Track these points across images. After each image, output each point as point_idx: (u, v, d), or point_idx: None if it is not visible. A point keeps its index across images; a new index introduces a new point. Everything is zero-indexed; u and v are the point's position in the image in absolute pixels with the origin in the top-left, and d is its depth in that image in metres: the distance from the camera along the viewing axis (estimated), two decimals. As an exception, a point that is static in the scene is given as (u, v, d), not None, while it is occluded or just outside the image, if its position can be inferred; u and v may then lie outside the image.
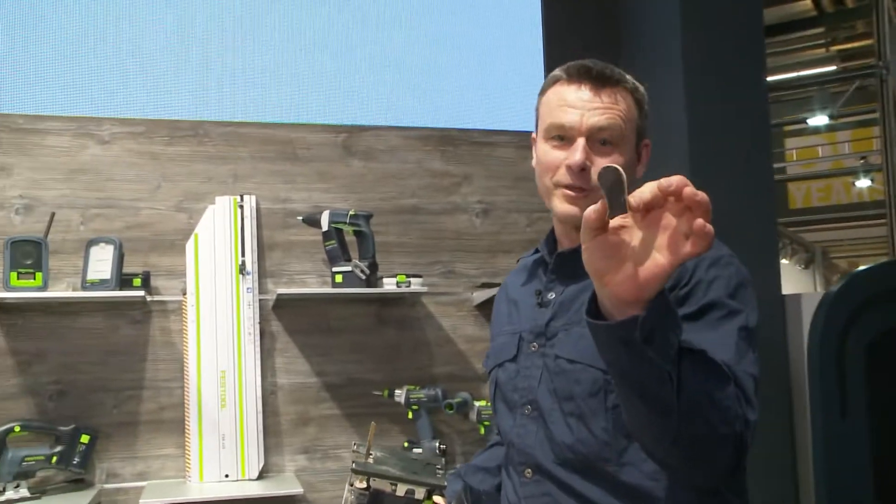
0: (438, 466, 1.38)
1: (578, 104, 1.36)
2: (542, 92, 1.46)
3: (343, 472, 2.90)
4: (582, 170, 1.34)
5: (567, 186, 1.36)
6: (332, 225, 2.85)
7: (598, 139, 1.36)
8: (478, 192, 3.16)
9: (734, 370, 1.16)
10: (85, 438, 2.65)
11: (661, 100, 3.10)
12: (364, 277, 2.80)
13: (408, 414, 2.89)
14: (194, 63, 2.98)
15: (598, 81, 1.37)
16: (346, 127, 3.08)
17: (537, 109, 1.47)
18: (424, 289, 2.86)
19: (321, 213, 2.87)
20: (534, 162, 1.47)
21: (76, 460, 2.63)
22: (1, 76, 2.82)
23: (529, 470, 1.38)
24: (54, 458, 2.61)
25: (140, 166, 2.88)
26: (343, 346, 2.98)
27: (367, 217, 2.86)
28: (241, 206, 2.89)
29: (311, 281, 2.98)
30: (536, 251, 1.56)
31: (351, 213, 2.84)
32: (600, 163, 1.35)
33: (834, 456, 2.81)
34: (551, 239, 1.50)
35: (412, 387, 2.89)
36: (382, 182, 3.09)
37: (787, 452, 2.92)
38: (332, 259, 2.85)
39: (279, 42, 3.06)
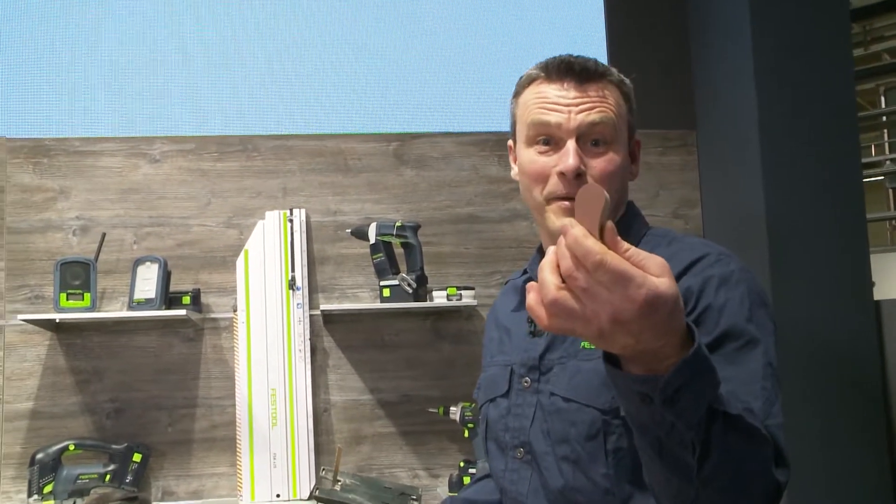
0: (413, 497, 1.25)
1: (563, 102, 1.21)
2: (517, 94, 1.30)
3: (398, 493, 2.81)
4: (578, 176, 1.18)
5: (563, 198, 1.20)
6: (379, 237, 2.75)
7: (590, 139, 1.20)
8: (538, 197, 2.99)
9: (767, 425, 0.98)
10: (137, 457, 2.66)
11: (729, 82, 2.87)
12: (411, 291, 2.69)
13: (464, 432, 2.75)
14: (242, 78, 2.96)
15: (582, 76, 1.22)
16: (398, 135, 2.98)
17: (513, 113, 1.32)
18: (475, 302, 2.73)
19: (368, 225, 2.78)
20: (514, 173, 1.33)
21: (129, 478, 2.64)
22: (58, 101, 2.88)
23: None
24: (108, 476, 2.62)
25: (190, 183, 2.88)
26: (397, 362, 2.88)
27: (415, 228, 2.75)
28: (291, 221, 2.85)
29: (364, 295, 2.89)
30: (525, 272, 1.41)
31: (398, 224, 2.74)
32: (595, 166, 1.20)
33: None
34: (539, 259, 1.34)
35: (468, 404, 2.76)
36: (437, 190, 2.98)
37: (886, 476, 2.61)
38: (380, 272, 2.76)
39: (326, 52, 3.01)
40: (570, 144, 1.18)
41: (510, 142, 1.34)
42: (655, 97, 3.10)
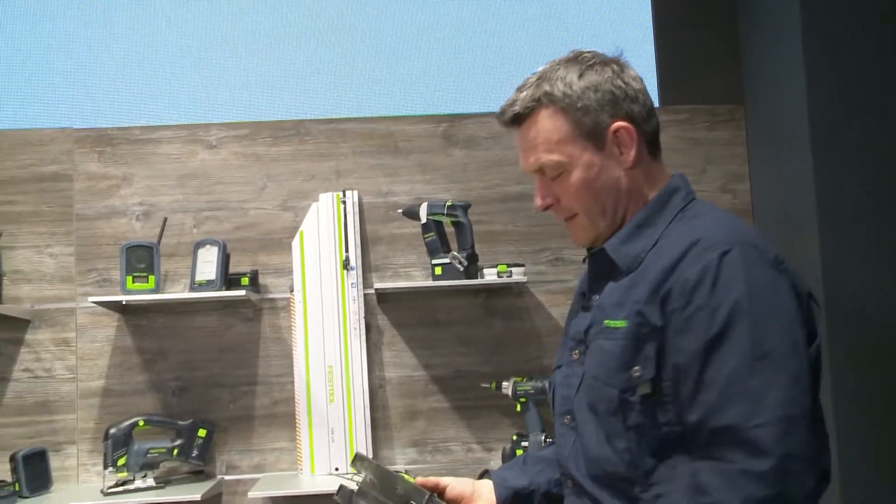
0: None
1: (519, 146, 1.35)
2: None
3: (453, 465, 2.89)
4: (546, 209, 1.35)
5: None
6: (430, 217, 2.81)
7: (547, 175, 1.32)
8: (586, 174, 3.03)
9: (751, 427, 1.06)
10: (202, 432, 2.77)
11: (777, 57, 2.85)
12: (463, 268, 2.75)
13: (516, 406, 2.81)
14: (294, 64, 3.03)
15: (513, 122, 1.33)
16: (447, 116, 3.04)
17: None
18: (524, 278, 2.78)
19: (420, 205, 2.84)
20: None
21: (195, 453, 2.76)
22: (119, 92, 3.00)
23: (570, 482, 1.31)
24: (175, 451, 2.74)
25: (246, 168, 2.97)
26: (450, 339, 2.95)
27: (465, 207, 2.80)
28: (344, 202, 2.92)
29: (416, 274, 2.96)
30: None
31: (448, 203, 2.80)
32: (557, 191, 1.31)
33: None
34: None
35: (519, 378, 2.82)
36: (486, 170, 3.03)
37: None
38: (432, 251, 2.82)
39: (375, 37, 3.07)
40: (536, 183, 1.34)
41: None
42: (702, 72, 3.11)
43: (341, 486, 1.43)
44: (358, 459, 1.47)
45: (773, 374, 1.08)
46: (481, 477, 1.49)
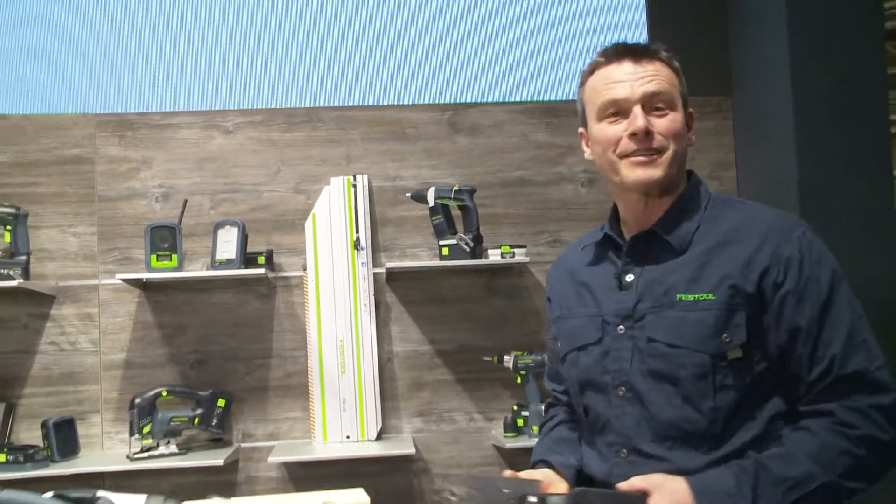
0: (531, 498, 1.41)
1: (626, 78, 1.43)
2: (582, 83, 1.52)
3: (456, 434, 3.07)
4: (647, 133, 1.40)
5: (634, 153, 1.42)
6: (438, 200, 2.98)
7: (652, 105, 1.42)
8: (582, 161, 3.15)
9: (873, 370, 1.31)
10: (221, 402, 2.93)
11: (764, 50, 3.04)
12: (469, 249, 2.92)
13: (516, 379, 3.00)
14: (307, 53, 3.18)
15: (637, 55, 1.44)
16: (452, 105, 3.20)
17: (581, 101, 1.52)
18: (527, 259, 2.96)
19: (427, 189, 3.01)
20: (587, 155, 1.53)
21: (214, 421, 2.92)
22: (139, 79, 3.13)
23: (625, 451, 1.42)
24: (196, 420, 2.90)
25: (261, 153, 3.12)
26: (454, 315, 3.13)
27: (471, 192, 2.97)
28: (355, 186, 3.08)
29: (422, 254, 3.13)
30: (602, 233, 1.57)
31: (455, 188, 2.97)
32: (660, 125, 1.41)
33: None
34: (615, 220, 1.54)
35: (520, 353, 3.00)
36: (488, 156, 3.20)
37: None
38: (439, 233, 2.99)
39: (383, 27, 3.21)
40: (637, 110, 1.41)
41: (581, 129, 1.55)
42: (692, 64, 3.20)
43: (442, 477, 1.46)
44: (445, 480, 1.48)
45: (869, 328, 1.34)
46: (534, 466, 1.58)
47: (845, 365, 1.30)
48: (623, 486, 1.31)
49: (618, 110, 1.43)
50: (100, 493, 1.29)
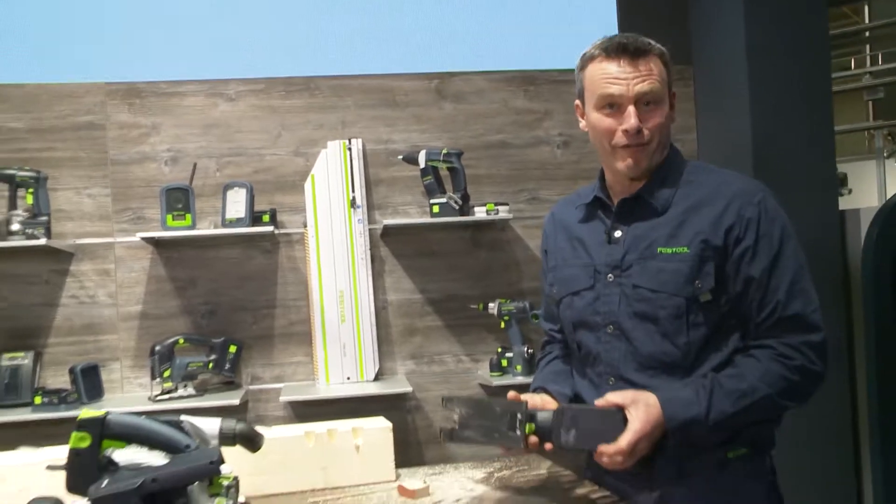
0: (519, 416, 1.57)
1: (622, 76, 1.63)
2: (582, 67, 1.72)
3: (446, 374, 3.39)
4: (638, 132, 1.64)
5: (626, 146, 1.66)
6: (429, 162, 3.26)
7: (644, 102, 1.64)
8: (558, 125, 3.51)
9: (808, 313, 1.58)
10: (233, 348, 3.21)
11: (722, 21, 3.35)
12: (457, 207, 3.22)
13: (500, 324, 3.32)
14: (304, 26, 3.42)
15: (634, 55, 1.64)
16: (438, 74, 3.47)
17: (580, 81, 1.74)
18: (510, 215, 3.26)
19: (418, 152, 3.29)
20: (582, 125, 1.76)
21: (227, 366, 3.20)
22: (146, 50, 3.34)
23: (612, 378, 1.68)
24: (210, 364, 3.18)
25: (262, 119, 3.37)
26: (442, 267, 3.43)
27: (459, 154, 3.26)
28: (350, 149, 3.34)
29: (413, 211, 3.42)
30: (593, 195, 1.79)
31: (444, 151, 3.25)
32: (649, 121, 1.64)
33: (885, 361, 3.09)
34: (604, 185, 1.77)
35: (503, 300, 3.32)
36: (472, 121, 3.48)
37: (843, 355, 3.22)
38: (430, 192, 3.28)
39: (377, 2, 3.46)
40: (631, 109, 1.63)
41: (577, 102, 1.77)
42: (656, 36, 3.55)
43: (444, 398, 1.67)
44: (447, 401, 1.67)
45: (809, 278, 1.61)
46: (535, 391, 1.79)
47: (787, 308, 1.58)
48: (600, 402, 1.57)
49: (613, 104, 1.65)
50: (182, 417, 1.58)
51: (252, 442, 1.57)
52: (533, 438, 1.57)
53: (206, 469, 1.41)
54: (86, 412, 1.46)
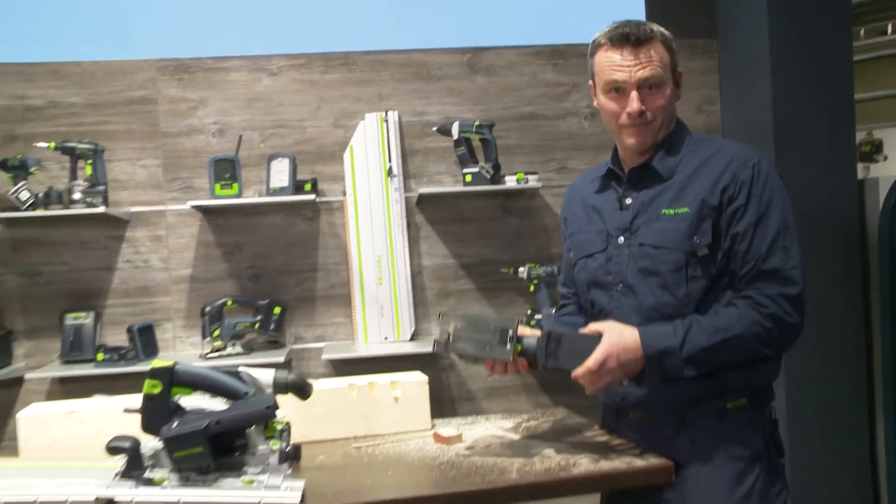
0: (510, 331, 1.71)
1: (625, 64, 1.80)
2: (592, 54, 1.90)
3: (478, 336, 3.58)
4: (640, 114, 1.81)
5: (631, 126, 1.83)
6: (461, 134, 3.42)
7: (646, 86, 1.81)
8: (585, 98, 3.63)
9: (787, 269, 1.72)
10: (277, 310, 3.41)
11: (745, 15, 3.45)
12: (489, 177, 3.38)
13: (530, 287, 3.48)
14: (341, 1, 3.58)
15: (636, 44, 1.80)
16: (471, 49, 3.62)
17: (591, 67, 1.91)
18: (539, 184, 3.42)
19: (451, 123, 3.44)
20: (595, 103, 1.94)
21: (272, 326, 3.41)
22: (193, 27, 3.53)
23: None
24: (256, 325, 3.39)
25: (303, 93, 3.54)
26: (475, 233, 3.61)
27: (490, 126, 3.41)
28: (387, 121, 3.51)
29: (447, 180, 3.59)
30: (607, 167, 1.98)
31: (476, 123, 3.40)
32: (651, 103, 1.81)
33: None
34: (616, 158, 1.96)
35: (533, 265, 3.48)
36: (503, 94, 3.63)
37: (860, 324, 3.34)
38: (463, 162, 3.43)
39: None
40: (634, 94, 1.80)
41: (590, 82, 1.94)
42: (683, 12, 3.69)
43: (441, 313, 1.83)
44: (443, 316, 1.81)
45: (793, 238, 1.75)
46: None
47: (766, 263, 1.73)
48: (583, 329, 1.77)
49: (618, 89, 1.82)
50: (240, 367, 1.77)
51: (302, 390, 1.75)
52: (522, 361, 1.74)
53: (263, 413, 1.61)
54: (157, 362, 1.66)
